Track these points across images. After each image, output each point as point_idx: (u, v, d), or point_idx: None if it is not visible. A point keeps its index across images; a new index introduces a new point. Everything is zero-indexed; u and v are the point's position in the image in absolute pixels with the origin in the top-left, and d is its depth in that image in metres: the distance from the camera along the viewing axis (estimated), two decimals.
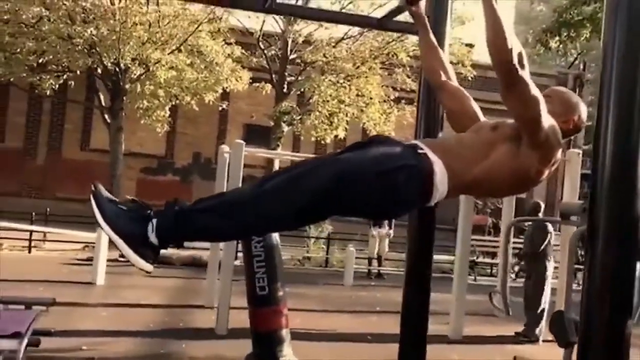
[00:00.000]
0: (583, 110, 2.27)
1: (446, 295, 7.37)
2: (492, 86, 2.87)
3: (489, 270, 13.30)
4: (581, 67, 21.44)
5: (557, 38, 10.61)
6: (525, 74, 1.96)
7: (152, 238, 1.86)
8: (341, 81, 12.06)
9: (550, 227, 7.25)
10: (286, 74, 13.51)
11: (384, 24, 2.74)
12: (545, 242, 7.23)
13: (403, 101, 13.26)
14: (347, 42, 12.92)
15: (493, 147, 2.09)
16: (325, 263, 12.87)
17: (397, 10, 2.66)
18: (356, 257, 11.31)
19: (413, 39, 13.08)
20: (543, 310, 7.20)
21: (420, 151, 2.01)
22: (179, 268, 10.42)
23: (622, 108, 1.65)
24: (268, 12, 5.72)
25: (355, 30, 13.25)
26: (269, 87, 12.80)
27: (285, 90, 13.32)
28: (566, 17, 10.04)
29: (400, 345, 2.91)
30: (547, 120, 2.03)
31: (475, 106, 2.42)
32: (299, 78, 13.33)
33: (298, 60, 13.51)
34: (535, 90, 1.99)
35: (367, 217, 2.17)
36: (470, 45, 13.79)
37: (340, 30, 12.94)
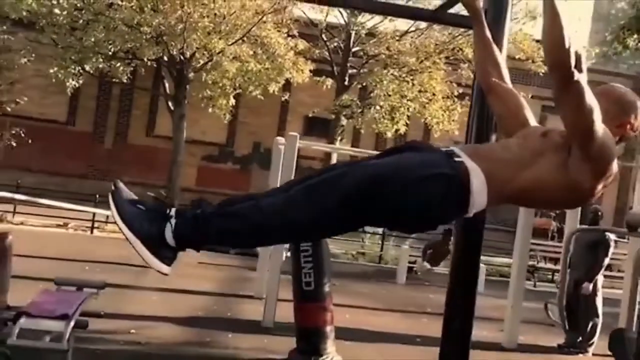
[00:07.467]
0: None
1: (502, 301, 7.08)
2: None
3: (550, 276, 12.79)
4: None
5: (635, 36, 9.94)
6: (582, 78, 1.80)
7: (169, 239, 1.79)
8: (404, 75, 11.82)
9: (612, 237, 6.72)
10: (348, 66, 13.39)
11: (438, 16, 2.59)
12: (609, 257, 6.72)
13: (467, 98, 12.89)
14: (412, 35, 12.63)
15: (541, 156, 1.93)
16: (379, 259, 12.70)
17: (451, 2, 2.50)
18: (410, 255, 11.14)
19: None
20: (595, 324, 6.76)
21: (457, 159, 1.89)
22: (233, 257, 10.51)
23: None
24: (316, 3, 5.60)
25: (422, 23, 12.96)
26: (329, 81, 12.69)
27: (346, 83, 13.21)
28: None
29: (440, 350, 2.77)
30: (601, 130, 1.85)
31: (528, 111, 2.24)
32: (361, 71, 13.18)
33: (361, 53, 13.35)
34: (591, 97, 1.82)
35: (400, 227, 2.03)
36: (540, 42, 13.16)
37: (405, 22, 12.68)
